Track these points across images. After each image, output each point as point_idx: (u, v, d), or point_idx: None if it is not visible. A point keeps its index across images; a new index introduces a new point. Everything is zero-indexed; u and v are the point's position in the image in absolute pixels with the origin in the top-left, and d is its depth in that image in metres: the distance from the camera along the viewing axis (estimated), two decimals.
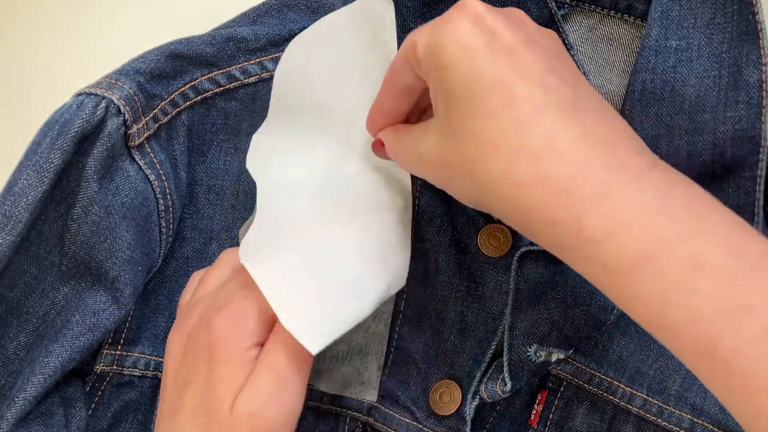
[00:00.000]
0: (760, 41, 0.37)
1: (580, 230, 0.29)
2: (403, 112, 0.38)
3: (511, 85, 0.30)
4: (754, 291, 0.27)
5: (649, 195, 0.29)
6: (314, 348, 0.35)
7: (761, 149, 0.37)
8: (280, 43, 0.43)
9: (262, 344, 0.36)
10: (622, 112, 0.39)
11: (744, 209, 0.38)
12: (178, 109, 0.42)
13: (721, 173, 0.38)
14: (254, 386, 0.35)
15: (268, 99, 0.42)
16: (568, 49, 0.39)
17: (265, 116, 0.42)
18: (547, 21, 0.40)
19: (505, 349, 0.40)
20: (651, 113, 0.38)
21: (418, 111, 0.39)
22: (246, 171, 0.44)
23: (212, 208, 0.45)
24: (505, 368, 0.40)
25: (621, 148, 0.30)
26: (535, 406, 0.44)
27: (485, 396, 0.41)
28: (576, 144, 0.29)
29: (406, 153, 0.37)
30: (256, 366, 0.36)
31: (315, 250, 0.39)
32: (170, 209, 0.43)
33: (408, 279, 0.44)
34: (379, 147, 0.39)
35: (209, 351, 0.36)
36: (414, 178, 0.43)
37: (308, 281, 0.37)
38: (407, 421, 0.44)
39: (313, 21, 0.41)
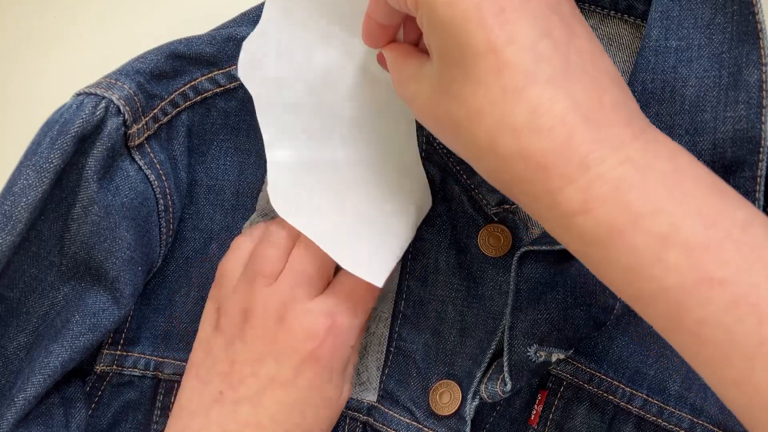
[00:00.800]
0: (760, 41, 0.37)
1: (557, 205, 0.30)
2: (397, 24, 0.37)
3: (501, 52, 0.30)
4: (724, 262, 0.27)
5: (628, 168, 0.29)
6: (380, 281, 0.40)
7: (761, 149, 0.37)
8: None
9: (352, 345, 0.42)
10: None
11: None
12: (178, 109, 0.42)
13: (721, 173, 0.38)
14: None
15: None
16: None
17: None
18: None
19: (505, 349, 0.40)
20: (651, 113, 0.38)
21: None
22: (246, 171, 0.44)
23: (212, 208, 0.45)
24: (505, 368, 0.40)
25: (607, 119, 0.30)
26: (535, 406, 0.44)
27: (485, 396, 0.41)
28: (560, 119, 0.29)
29: (401, 84, 0.36)
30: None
31: (344, 191, 0.41)
32: (170, 209, 0.43)
33: (408, 279, 0.44)
34: (382, 61, 0.39)
35: (315, 364, 0.40)
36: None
37: (352, 225, 0.41)
38: (407, 421, 0.44)
39: None
